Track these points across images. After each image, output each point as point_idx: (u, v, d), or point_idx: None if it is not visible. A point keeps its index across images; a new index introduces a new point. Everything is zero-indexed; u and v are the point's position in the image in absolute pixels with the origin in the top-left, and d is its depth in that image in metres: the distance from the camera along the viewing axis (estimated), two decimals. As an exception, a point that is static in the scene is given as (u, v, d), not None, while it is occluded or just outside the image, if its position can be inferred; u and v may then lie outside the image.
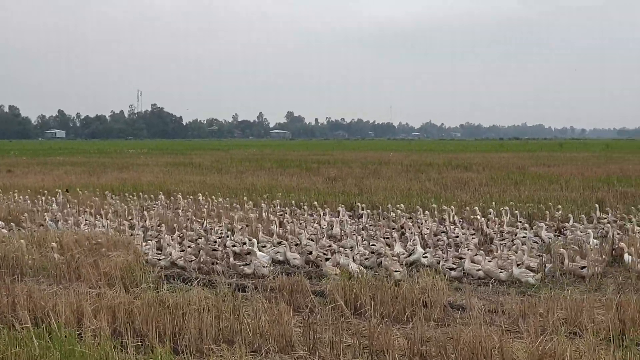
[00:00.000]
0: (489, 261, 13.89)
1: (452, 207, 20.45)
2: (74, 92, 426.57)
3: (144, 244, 16.07)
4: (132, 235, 17.17)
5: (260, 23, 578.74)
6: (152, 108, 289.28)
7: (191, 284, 12.40)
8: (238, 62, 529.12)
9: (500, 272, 13.48)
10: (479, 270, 13.70)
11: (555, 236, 17.27)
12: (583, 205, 22.27)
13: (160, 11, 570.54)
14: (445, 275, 12.58)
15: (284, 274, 13.09)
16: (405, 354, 8.96)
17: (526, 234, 17.24)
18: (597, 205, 20.34)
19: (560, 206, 20.72)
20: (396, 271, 13.31)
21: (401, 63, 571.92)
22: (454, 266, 14.04)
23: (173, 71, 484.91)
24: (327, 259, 14.52)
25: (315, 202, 22.34)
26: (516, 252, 14.35)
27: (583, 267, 13.58)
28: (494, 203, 21.99)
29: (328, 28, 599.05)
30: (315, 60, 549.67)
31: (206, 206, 22.59)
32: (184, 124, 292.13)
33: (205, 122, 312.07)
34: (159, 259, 15.08)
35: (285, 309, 10.02)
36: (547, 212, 19.91)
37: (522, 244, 14.99)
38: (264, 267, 14.29)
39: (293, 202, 23.08)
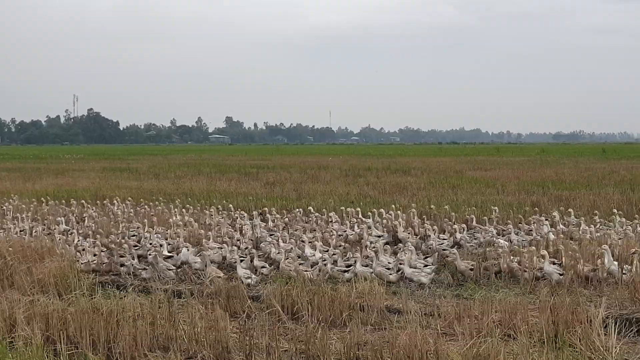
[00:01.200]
0: (389, 263, 14.15)
1: (374, 210, 20.56)
2: (9, 96, 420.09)
3: (76, 250, 15.86)
4: (66, 241, 16.94)
5: (199, 27, 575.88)
6: (89, 113, 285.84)
7: (126, 291, 12.27)
8: (176, 67, 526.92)
9: (391, 274, 13.62)
10: (372, 272, 13.69)
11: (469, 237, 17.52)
12: (519, 208, 22.54)
13: (96, 14, 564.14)
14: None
15: (220, 279, 13.03)
16: (341, 358, 8.95)
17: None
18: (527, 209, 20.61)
19: (496, 208, 20.98)
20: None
21: (340, 68, 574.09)
22: (347, 268, 14.07)
23: (110, 75, 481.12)
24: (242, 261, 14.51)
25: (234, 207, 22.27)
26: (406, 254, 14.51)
27: (472, 269, 13.88)
28: (433, 207, 22.12)
29: (268, 33, 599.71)
30: (255, 65, 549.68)
31: (142, 212, 22.39)
32: (121, 129, 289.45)
33: (142, 127, 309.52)
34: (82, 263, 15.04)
35: (222, 315, 9.96)
36: (454, 213, 20.13)
37: (412, 246, 15.32)
38: (169, 269, 14.35)
39: (231, 206, 22.92)
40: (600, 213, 20.18)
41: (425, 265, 14.05)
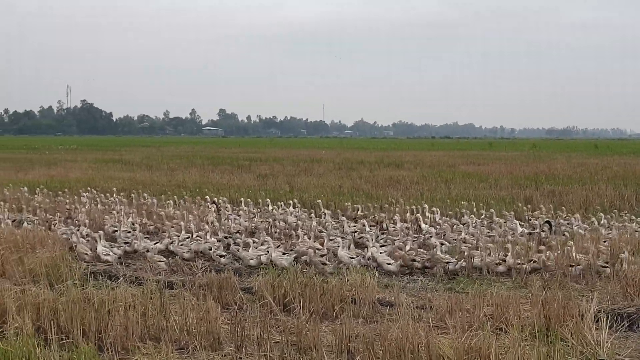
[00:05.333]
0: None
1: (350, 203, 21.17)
2: (1, 87, 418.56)
3: (75, 240, 15.79)
4: (61, 232, 16.92)
5: (192, 18, 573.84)
6: (82, 104, 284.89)
7: (118, 281, 12.25)
8: (170, 58, 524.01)
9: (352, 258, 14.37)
10: (251, 258, 14.51)
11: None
12: (511, 203, 22.58)
13: (89, 4, 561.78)
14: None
15: (212, 270, 13.02)
16: (333, 350, 8.97)
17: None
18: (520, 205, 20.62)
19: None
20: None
21: (334, 61, 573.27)
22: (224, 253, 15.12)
23: (103, 67, 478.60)
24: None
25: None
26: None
27: (448, 262, 13.98)
28: (424, 202, 22.12)
29: (261, 25, 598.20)
30: (249, 57, 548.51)
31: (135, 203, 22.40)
32: (114, 120, 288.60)
33: (136, 118, 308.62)
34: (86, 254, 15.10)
35: (213, 306, 9.96)
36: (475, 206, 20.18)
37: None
38: (160, 261, 14.58)
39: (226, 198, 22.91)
40: (592, 208, 20.26)
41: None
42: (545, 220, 18.29)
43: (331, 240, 15.80)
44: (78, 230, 17.01)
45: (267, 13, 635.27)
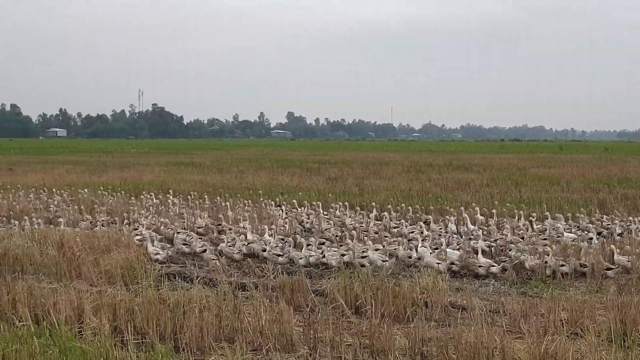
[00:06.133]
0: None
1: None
2: (76, 91, 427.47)
3: (151, 243, 16.01)
4: (134, 234, 17.19)
5: (262, 22, 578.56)
6: (153, 108, 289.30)
7: (192, 283, 12.40)
8: (239, 62, 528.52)
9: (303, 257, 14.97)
10: (300, 258, 14.98)
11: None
12: (585, 206, 22.24)
13: (162, 10, 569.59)
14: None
15: (284, 272, 13.10)
16: (406, 353, 8.96)
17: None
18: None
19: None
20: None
21: (402, 64, 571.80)
22: (281, 253, 15.41)
23: (174, 71, 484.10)
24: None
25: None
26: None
27: (480, 266, 13.96)
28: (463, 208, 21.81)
29: (330, 26, 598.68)
30: (317, 60, 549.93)
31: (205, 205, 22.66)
32: (185, 123, 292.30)
33: (206, 122, 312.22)
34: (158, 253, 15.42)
35: (286, 308, 10.02)
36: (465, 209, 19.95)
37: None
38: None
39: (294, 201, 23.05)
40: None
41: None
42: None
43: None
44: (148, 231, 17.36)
45: (336, 15, 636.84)
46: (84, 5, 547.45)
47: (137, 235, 16.98)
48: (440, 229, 18.17)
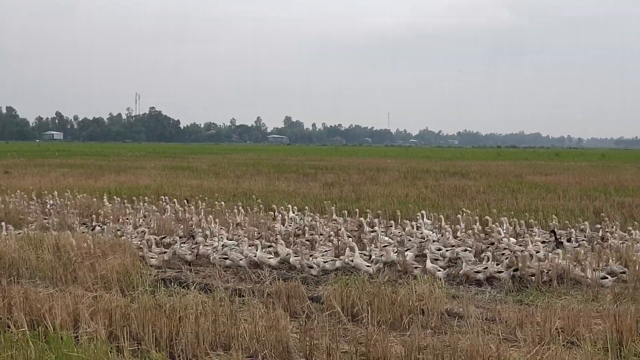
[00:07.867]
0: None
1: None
2: (72, 94, 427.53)
3: (147, 248, 15.99)
4: (131, 238, 17.16)
5: (258, 28, 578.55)
6: (150, 111, 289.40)
7: (188, 288, 12.38)
8: (236, 67, 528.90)
9: (270, 258, 15.17)
10: (240, 259, 15.05)
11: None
12: (580, 214, 22.25)
13: (158, 14, 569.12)
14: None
15: (280, 279, 13.09)
16: (402, 361, 8.95)
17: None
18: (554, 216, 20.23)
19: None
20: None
21: (398, 70, 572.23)
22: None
23: (171, 75, 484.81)
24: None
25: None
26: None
27: (478, 272, 14.00)
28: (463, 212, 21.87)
29: (327, 34, 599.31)
30: (314, 65, 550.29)
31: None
32: (182, 127, 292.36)
33: (203, 126, 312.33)
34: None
35: (282, 315, 10.02)
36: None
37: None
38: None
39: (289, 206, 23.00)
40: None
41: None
42: (551, 230, 18.08)
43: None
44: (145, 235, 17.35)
45: (333, 23, 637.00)
46: (81, 8, 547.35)
47: (133, 239, 16.94)
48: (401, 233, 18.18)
